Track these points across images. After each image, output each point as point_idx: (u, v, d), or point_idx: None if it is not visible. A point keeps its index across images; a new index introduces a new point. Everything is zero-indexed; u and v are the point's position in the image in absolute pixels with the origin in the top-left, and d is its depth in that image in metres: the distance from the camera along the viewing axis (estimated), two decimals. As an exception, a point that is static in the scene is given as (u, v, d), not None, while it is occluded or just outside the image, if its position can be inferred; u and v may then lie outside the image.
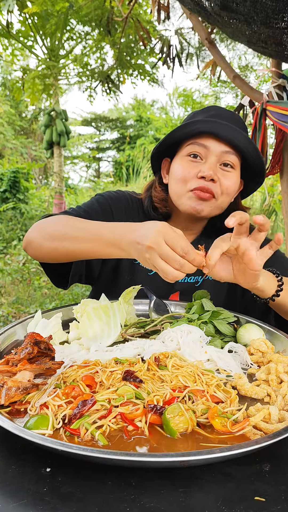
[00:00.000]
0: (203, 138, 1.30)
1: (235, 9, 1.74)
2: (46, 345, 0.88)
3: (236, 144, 1.29)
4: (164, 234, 0.93)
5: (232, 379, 0.93)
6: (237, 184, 1.37)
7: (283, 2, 1.59)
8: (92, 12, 5.88)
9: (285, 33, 1.80)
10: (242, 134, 1.29)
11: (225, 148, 1.30)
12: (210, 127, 1.28)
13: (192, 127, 1.30)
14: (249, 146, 1.31)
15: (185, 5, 2.16)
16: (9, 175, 9.76)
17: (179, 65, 4.99)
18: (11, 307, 5.11)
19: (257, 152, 1.34)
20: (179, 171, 1.35)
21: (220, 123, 1.28)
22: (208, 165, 1.30)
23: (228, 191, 1.34)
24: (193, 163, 1.33)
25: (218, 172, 1.32)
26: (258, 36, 1.93)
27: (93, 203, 1.45)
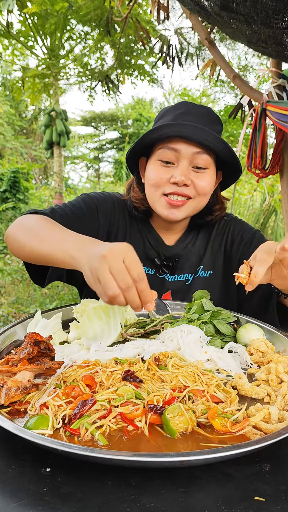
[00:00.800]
0: (172, 142, 1.31)
1: (235, 9, 1.74)
2: (46, 345, 0.88)
3: (206, 145, 1.29)
4: (125, 253, 0.89)
5: (232, 379, 0.93)
6: (212, 183, 1.39)
7: (283, 2, 1.59)
8: (92, 12, 5.88)
9: (285, 33, 1.80)
10: (210, 134, 1.28)
11: (195, 149, 1.30)
12: (178, 130, 1.28)
13: (161, 131, 1.30)
14: (219, 144, 1.31)
15: (185, 5, 2.16)
16: (9, 175, 9.77)
17: (179, 64, 4.99)
18: (11, 307, 5.11)
19: (228, 149, 1.33)
20: (152, 176, 1.36)
21: (187, 125, 1.27)
22: (180, 170, 1.31)
23: (204, 191, 1.36)
24: (165, 168, 1.34)
25: (191, 175, 1.32)
26: (258, 36, 1.93)
27: (79, 202, 1.46)
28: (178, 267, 1.52)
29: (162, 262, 1.50)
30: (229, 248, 1.53)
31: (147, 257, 1.52)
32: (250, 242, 1.49)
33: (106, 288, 0.86)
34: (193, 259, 1.53)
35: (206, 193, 1.37)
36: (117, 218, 1.51)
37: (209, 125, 1.32)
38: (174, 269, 1.51)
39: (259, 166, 2.92)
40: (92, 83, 7.61)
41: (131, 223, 1.54)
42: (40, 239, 1.13)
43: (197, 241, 1.55)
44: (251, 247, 1.47)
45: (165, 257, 1.51)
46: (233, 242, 1.52)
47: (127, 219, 1.54)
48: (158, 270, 1.51)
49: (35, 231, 1.17)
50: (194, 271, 1.53)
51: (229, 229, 1.55)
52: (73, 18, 6.32)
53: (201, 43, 5.32)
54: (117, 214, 1.52)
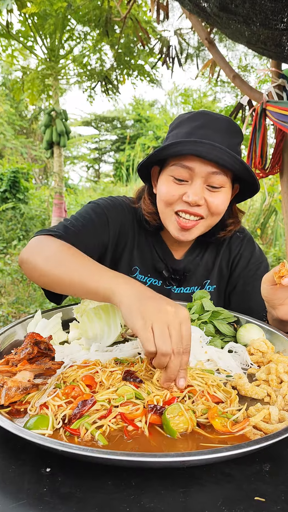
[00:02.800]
0: (187, 160, 1.23)
1: (234, 10, 1.74)
2: (46, 345, 0.88)
3: (222, 164, 1.20)
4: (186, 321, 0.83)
5: (232, 379, 0.92)
6: (226, 201, 1.31)
7: (282, 3, 1.59)
8: (91, 12, 5.87)
9: (284, 34, 1.80)
10: (227, 153, 1.19)
11: (211, 169, 1.22)
12: (193, 149, 1.18)
13: (175, 148, 1.21)
14: (236, 164, 1.22)
15: (184, 6, 2.17)
16: (9, 175, 9.77)
17: (179, 65, 4.99)
18: (11, 307, 5.11)
19: (245, 167, 1.24)
20: (163, 192, 1.29)
21: (204, 144, 1.18)
22: (193, 189, 1.23)
23: (218, 211, 1.29)
24: (178, 186, 1.27)
25: (204, 194, 1.25)
26: (257, 37, 1.93)
27: (89, 214, 1.40)
28: (186, 280, 1.49)
29: (170, 275, 1.47)
30: (234, 268, 1.50)
31: (155, 268, 1.49)
32: (254, 271, 1.47)
33: (161, 342, 0.79)
34: (201, 272, 1.51)
35: (220, 212, 1.31)
36: (126, 228, 1.46)
37: (227, 139, 1.24)
38: (181, 282, 1.49)
39: (259, 166, 2.92)
40: (91, 84, 7.61)
41: (140, 231, 1.49)
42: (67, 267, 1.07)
43: (205, 254, 1.51)
44: (252, 277, 1.46)
45: (173, 270, 1.48)
46: (238, 263, 1.49)
47: (136, 227, 1.48)
48: (165, 282, 1.49)
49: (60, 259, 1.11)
50: (201, 284, 1.51)
51: (240, 248, 1.51)
52: (73, 18, 6.31)
53: (200, 44, 5.32)
54: (126, 223, 1.47)
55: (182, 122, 1.31)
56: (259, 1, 1.60)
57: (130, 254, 1.48)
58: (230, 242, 1.52)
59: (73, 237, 1.29)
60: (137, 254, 1.48)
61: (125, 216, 1.47)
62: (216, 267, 1.51)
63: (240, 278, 1.48)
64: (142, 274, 1.48)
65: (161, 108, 21.09)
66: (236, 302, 1.48)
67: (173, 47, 4.92)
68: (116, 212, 1.44)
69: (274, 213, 8.53)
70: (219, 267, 1.51)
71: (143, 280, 1.48)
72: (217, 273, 1.51)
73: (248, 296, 1.45)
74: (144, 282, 1.47)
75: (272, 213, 8.60)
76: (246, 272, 1.47)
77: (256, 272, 1.47)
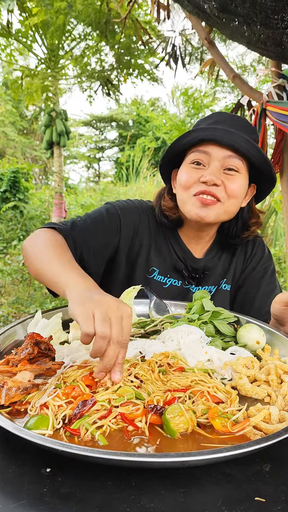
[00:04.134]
0: (204, 145, 1.30)
1: (234, 11, 1.74)
2: (46, 346, 0.88)
3: (237, 148, 1.27)
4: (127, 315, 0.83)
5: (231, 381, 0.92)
6: (243, 187, 1.35)
7: (283, 2, 1.59)
8: (92, 15, 5.87)
9: (285, 34, 1.80)
10: (243, 138, 1.27)
11: (227, 152, 1.29)
12: (210, 134, 1.28)
13: (192, 135, 1.31)
14: (252, 148, 1.29)
15: (184, 7, 2.16)
16: (9, 175, 9.77)
17: (182, 66, 4.98)
18: (11, 307, 5.11)
19: (261, 154, 1.31)
20: (183, 178, 1.34)
21: (219, 129, 1.27)
22: (210, 170, 1.29)
23: (235, 194, 1.32)
24: (196, 170, 1.32)
25: (221, 177, 1.30)
26: (257, 37, 1.93)
27: (102, 213, 1.42)
28: (204, 279, 1.50)
29: (190, 274, 1.48)
30: (244, 269, 1.54)
31: (174, 268, 1.49)
32: (261, 274, 1.51)
33: (100, 324, 0.78)
34: (218, 271, 1.52)
35: (237, 195, 1.33)
36: (141, 230, 1.47)
37: (244, 132, 1.30)
38: (200, 281, 1.50)
39: (259, 166, 2.91)
40: (91, 84, 7.61)
41: (157, 232, 1.50)
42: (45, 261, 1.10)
43: (223, 254, 1.53)
44: (259, 280, 1.49)
45: (192, 269, 1.49)
46: (249, 265, 1.53)
47: (153, 229, 1.49)
48: (184, 281, 1.49)
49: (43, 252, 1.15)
50: (218, 283, 1.52)
51: (253, 250, 1.54)
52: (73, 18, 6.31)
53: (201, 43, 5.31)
54: (141, 225, 1.48)
55: (200, 122, 1.42)
56: (260, 1, 1.60)
57: (147, 256, 1.48)
58: (246, 243, 1.55)
59: (78, 234, 1.30)
60: (155, 255, 1.48)
61: (141, 217, 1.48)
62: (232, 267, 1.53)
63: (247, 279, 1.51)
64: (161, 274, 1.48)
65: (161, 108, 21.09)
66: (240, 302, 1.52)
67: (177, 48, 4.89)
68: (130, 214, 1.46)
69: (274, 213, 8.53)
70: (235, 267, 1.54)
71: (162, 280, 1.48)
72: (232, 272, 1.53)
73: (252, 298, 1.48)
74: (163, 283, 1.48)
75: (272, 213, 8.60)
76: (254, 274, 1.51)
77: (263, 276, 1.50)
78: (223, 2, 1.71)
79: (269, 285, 1.49)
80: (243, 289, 1.52)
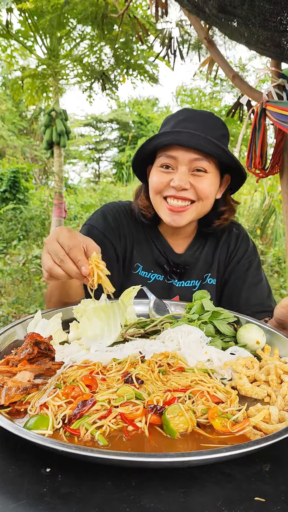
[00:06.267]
0: (170, 149, 1.33)
1: (233, 11, 1.74)
2: (46, 346, 0.88)
3: (202, 150, 1.30)
4: (58, 234, 1.01)
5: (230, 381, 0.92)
6: (213, 185, 1.38)
7: (281, 4, 1.59)
8: (88, 9, 5.85)
9: (283, 36, 1.80)
10: (207, 140, 1.29)
11: (193, 155, 1.31)
12: (174, 138, 1.30)
13: (158, 140, 1.34)
14: (217, 149, 1.31)
15: (183, 6, 2.16)
16: (9, 175, 9.77)
17: (180, 57, 4.91)
18: (11, 307, 5.11)
19: (227, 154, 1.33)
20: (154, 181, 1.39)
21: (183, 133, 1.29)
22: (178, 175, 1.33)
23: (204, 194, 1.36)
24: (165, 174, 1.36)
25: (190, 179, 1.33)
26: (256, 38, 1.92)
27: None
28: (186, 274, 1.53)
29: (171, 269, 1.52)
30: (229, 262, 1.56)
31: (156, 263, 1.53)
32: (246, 266, 1.53)
33: (43, 265, 1.01)
34: (201, 266, 1.55)
35: (207, 196, 1.37)
36: (124, 230, 1.53)
37: (210, 131, 1.32)
38: (182, 276, 1.53)
39: (259, 166, 2.92)
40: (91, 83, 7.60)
41: (138, 230, 1.56)
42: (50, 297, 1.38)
43: (205, 249, 1.57)
44: (245, 272, 1.52)
45: (174, 264, 1.52)
46: (234, 258, 1.56)
47: (133, 227, 1.55)
48: (166, 276, 1.53)
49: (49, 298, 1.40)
50: (202, 278, 1.55)
51: (236, 243, 1.57)
52: (70, 15, 6.29)
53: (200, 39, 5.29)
54: (123, 226, 1.53)
55: (168, 120, 1.44)
56: (258, 3, 1.60)
57: (131, 252, 1.53)
58: (228, 237, 1.58)
59: None
60: (138, 251, 1.54)
61: (120, 219, 1.54)
62: (216, 261, 1.56)
63: (233, 272, 1.54)
64: (145, 270, 1.53)
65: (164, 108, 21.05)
66: (227, 295, 1.54)
67: (175, 39, 4.82)
68: (111, 227, 1.51)
69: (274, 213, 8.53)
70: (218, 261, 1.56)
71: (146, 276, 1.53)
72: (216, 267, 1.56)
73: (239, 290, 1.50)
74: (148, 278, 1.52)
75: (272, 213, 8.60)
76: (239, 267, 1.53)
77: (249, 268, 1.53)
78: (222, 2, 1.70)
79: (255, 277, 1.52)
80: (229, 283, 1.54)
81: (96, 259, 1.00)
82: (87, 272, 0.98)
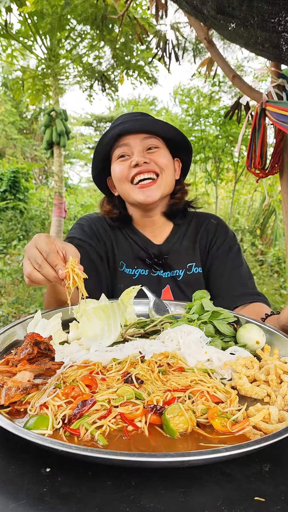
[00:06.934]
0: (121, 140, 1.49)
1: (231, 13, 1.74)
2: (46, 346, 0.88)
3: (149, 129, 1.47)
4: (36, 241, 1.07)
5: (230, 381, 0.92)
6: (168, 158, 1.52)
7: (279, 5, 1.59)
8: (88, 10, 5.87)
9: (282, 37, 1.80)
10: (149, 120, 1.49)
11: (142, 135, 1.47)
12: (121, 128, 1.47)
13: (107, 136, 1.49)
14: (160, 124, 1.48)
15: (182, 8, 2.16)
16: (9, 175, 9.77)
17: (176, 60, 4.93)
18: (11, 307, 5.11)
19: (169, 126, 1.50)
20: (116, 171, 1.51)
21: (127, 121, 1.47)
22: (136, 154, 1.46)
23: (164, 165, 1.49)
24: (124, 161, 1.49)
25: (146, 156, 1.47)
26: (255, 39, 1.92)
27: None
28: (168, 264, 1.59)
29: (153, 260, 1.58)
30: (209, 250, 1.63)
31: (138, 258, 1.59)
32: (227, 252, 1.60)
33: (24, 271, 1.07)
34: (182, 256, 1.61)
35: (167, 165, 1.50)
36: (101, 237, 1.62)
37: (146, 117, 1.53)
38: (165, 266, 1.59)
39: (258, 166, 2.92)
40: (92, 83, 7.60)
41: (114, 231, 1.65)
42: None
43: (184, 240, 1.64)
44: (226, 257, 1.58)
45: (154, 255, 1.58)
46: (214, 246, 1.62)
47: (109, 230, 1.64)
48: (150, 269, 1.59)
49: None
50: (185, 267, 1.60)
51: (215, 232, 1.65)
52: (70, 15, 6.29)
53: (198, 39, 5.29)
54: (99, 231, 1.62)
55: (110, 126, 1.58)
56: (256, 4, 1.60)
57: (112, 252, 1.61)
58: (207, 228, 1.66)
59: None
60: (119, 249, 1.61)
61: (96, 227, 1.64)
62: (197, 251, 1.63)
63: (214, 259, 1.60)
64: (129, 267, 1.59)
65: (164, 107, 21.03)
66: (212, 282, 1.60)
67: (170, 42, 4.85)
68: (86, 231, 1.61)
69: (274, 213, 8.53)
70: (199, 250, 1.63)
71: (131, 272, 1.59)
72: (199, 256, 1.63)
73: (220, 274, 1.56)
74: (132, 275, 1.58)
75: (272, 213, 8.60)
76: (220, 253, 1.60)
77: (229, 253, 1.59)
78: (220, 4, 1.71)
79: (235, 260, 1.58)
80: (212, 269, 1.60)
81: (72, 263, 1.03)
82: (63, 275, 1.02)
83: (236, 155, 8.91)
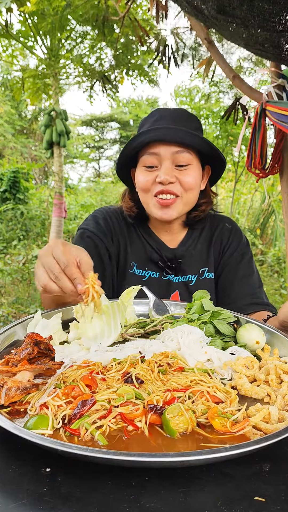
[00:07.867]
0: (151, 147, 1.39)
1: (232, 12, 1.74)
2: (46, 346, 0.88)
3: (182, 142, 1.35)
4: (53, 249, 1.00)
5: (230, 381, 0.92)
6: (197, 177, 1.43)
7: (280, 5, 1.59)
8: (89, 11, 5.87)
9: (282, 36, 1.80)
10: (185, 131, 1.35)
11: (174, 149, 1.37)
12: (153, 135, 1.36)
13: (138, 140, 1.40)
14: (195, 139, 1.37)
15: (183, 8, 2.16)
16: (9, 175, 9.77)
17: (175, 65, 4.97)
18: (11, 307, 5.11)
19: (205, 142, 1.40)
20: (140, 181, 1.44)
21: (161, 129, 1.36)
22: (163, 170, 1.38)
23: (190, 186, 1.41)
24: (150, 172, 1.42)
25: (175, 173, 1.38)
26: (255, 39, 1.92)
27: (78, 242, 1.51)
28: (181, 269, 1.55)
29: (166, 264, 1.54)
30: (222, 256, 1.60)
31: (150, 260, 1.56)
32: (239, 260, 1.57)
33: (38, 280, 1.00)
34: (195, 261, 1.58)
35: (193, 187, 1.42)
36: (116, 231, 1.57)
37: (184, 123, 1.38)
38: (177, 271, 1.55)
39: (258, 166, 2.92)
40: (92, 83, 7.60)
41: (129, 230, 1.60)
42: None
43: (198, 244, 1.60)
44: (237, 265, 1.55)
45: (167, 259, 1.55)
46: (227, 252, 1.60)
47: (124, 228, 1.60)
48: (162, 272, 1.55)
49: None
50: (198, 272, 1.57)
51: (229, 238, 1.61)
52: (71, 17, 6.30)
53: (196, 43, 5.30)
54: (114, 228, 1.58)
55: (143, 122, 1.50)
56: (257, 4, 1.60)
57: (125, 251, 1.57)
58: (221, 232, 1.62)
59: None
60: (131, 249, 1.58)
61: (111, 222, 1.58)
62: (211, 256, 1.60)
63: (226, 266, 1.58)
64: (140, 268, 1.56)
65: (164, 107, 21.07)
66: (221, 288, 1.57)
67: (170, 46, 4.88)
68: (101, 233, 1.55)
69: (274, 213, 8.53)
70: (213, 255, 1.60)
71: (141, 274, 1.56)
72: (212, 261, 1.60)
73: (231, 282, 1.54)
74: (142, 276, 1.55)
75: (272, 213, 8.61)
76: (231, 260, 1.57)
77: (241, 261, 1.57)
78: (221, 4, 1.70)
79: (247, 269, 1.56)
80: (222, 276, 1.58)
81: (93, 279, 0.99)
82: (82, 290, 0.97)
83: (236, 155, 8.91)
